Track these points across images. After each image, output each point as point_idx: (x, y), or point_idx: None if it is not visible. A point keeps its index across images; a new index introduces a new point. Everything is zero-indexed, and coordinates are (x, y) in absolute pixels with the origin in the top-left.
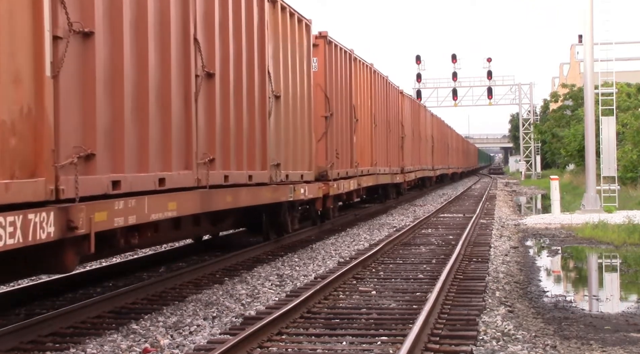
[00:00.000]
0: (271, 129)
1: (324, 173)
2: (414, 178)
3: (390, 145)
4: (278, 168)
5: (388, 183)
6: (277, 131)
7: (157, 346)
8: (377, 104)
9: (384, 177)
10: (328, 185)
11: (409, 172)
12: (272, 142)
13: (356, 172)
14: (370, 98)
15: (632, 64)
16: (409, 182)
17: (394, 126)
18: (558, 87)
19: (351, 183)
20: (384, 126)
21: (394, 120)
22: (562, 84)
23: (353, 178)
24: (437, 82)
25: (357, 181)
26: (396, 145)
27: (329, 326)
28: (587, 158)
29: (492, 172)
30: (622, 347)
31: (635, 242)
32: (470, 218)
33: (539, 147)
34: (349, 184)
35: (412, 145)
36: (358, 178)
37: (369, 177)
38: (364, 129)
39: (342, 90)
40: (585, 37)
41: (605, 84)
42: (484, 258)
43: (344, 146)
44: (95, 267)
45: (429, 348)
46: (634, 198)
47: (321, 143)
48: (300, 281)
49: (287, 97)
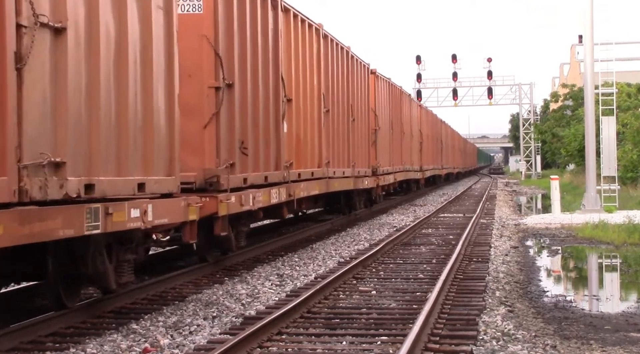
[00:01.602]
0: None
1: None
2: (392, 181)
3: (356, 138)
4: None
5: (351, 189)
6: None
7: (157, 346)
8: (331, 82)
9: (341, 182)
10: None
11: (385, 174)
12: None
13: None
14: (318, 72)
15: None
16: (385, 187)
17: (361, 114)
18: (558, 87)
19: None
20: (342, 112)
21: (361, 107)
22: (562, 84)
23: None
24: (437, 82)
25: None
26: (365, 140)
27: (329, 326)
28: (587, 158)
29: (492, 171)
30: (622, 347)
31: (636, 242)
32: (471, 218)
33: (539, 146)
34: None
35: (391, 140)
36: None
37: (309, 183)
38: (303, 114)
39: None
40: (585, 37)
41: (605, 84)
42: (484, 258)
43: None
44: None
45: (429, 348)
46: (634, 198)
47: None
48: (300, 281)
49: None
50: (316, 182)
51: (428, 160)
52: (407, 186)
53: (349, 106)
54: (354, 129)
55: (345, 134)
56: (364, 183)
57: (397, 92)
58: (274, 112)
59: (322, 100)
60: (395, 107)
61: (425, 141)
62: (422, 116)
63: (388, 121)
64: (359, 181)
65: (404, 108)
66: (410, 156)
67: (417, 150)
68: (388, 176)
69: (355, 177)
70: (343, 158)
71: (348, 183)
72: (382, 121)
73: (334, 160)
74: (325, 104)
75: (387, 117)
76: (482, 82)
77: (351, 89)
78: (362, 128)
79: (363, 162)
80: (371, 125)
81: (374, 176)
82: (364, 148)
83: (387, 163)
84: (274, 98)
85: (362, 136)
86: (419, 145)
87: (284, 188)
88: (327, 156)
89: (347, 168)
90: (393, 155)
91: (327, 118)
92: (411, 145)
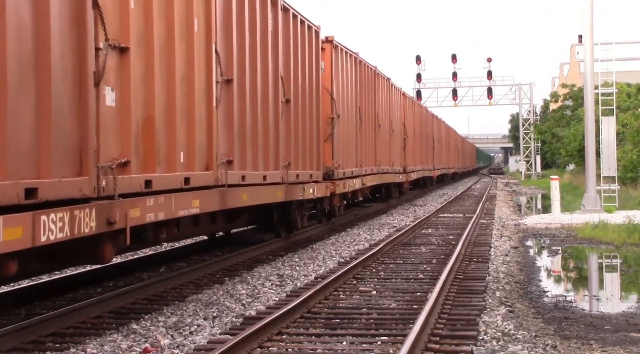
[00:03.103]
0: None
1: None
2: (359, 187)
3: (294, 129)
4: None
5: (284, 201)
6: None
7: (158, 346)
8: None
9: (256, 193)
10: None
11: (348, 179)
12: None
13: None
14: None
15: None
16: (347, 195)
17: (306, 97)
18: (558, 87)
19: None
20: (265, 90)
21: (306, 87)
22: (562, 84)
23: None
24: (437, 82)
25: None
26: (312, 132)
27: (329, 326)
28: (587, 158)
29: (492, 172)
30: (622, 347)
31: (636, 242)
32: (471, 218)
33: (539, 147)
34: None
35: (360, 135)
36: None
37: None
38: None
39: None
40: (585, 37)
41: (605, 84)
42: (484, 258)
43: None
44: (95, 267)
45: (429, 348)
46: (634, 198)
47: None
48: (300, 281)
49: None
50: (202, 194)
51: (415, 160)
52: (388, 191)
53: (275, 79)
54: (290, 117)
55: (273, 123)
56: (306, 192)
57: (368, 74)
58: None
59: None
60: (366, 93)
61: (410, 137)
62: (407, 108)
63: (353, 109)
64: (294, 190)
65: (380, 96)
66: (388, 155)
67: (399, 148)
68: (351, 180)
69: (290, 184)
70: (265, 158)
71: (269, 194)
72: (343, 108)
73: (242, 159)
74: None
75: (352, 103)
76: (482, 82)
77: (286, 58)
78: (307, 115)
79: (308, 162)
80: (325, 113)
81: (327, 181)
82: (310, 143)
83: (352, 163)
84: None
85: (307, 126)
86: (403, 141)
87: None
88: (226, 154)
89: (272, 170)
90: (363, 154)
91: (238, 94)
92: (391, 142)
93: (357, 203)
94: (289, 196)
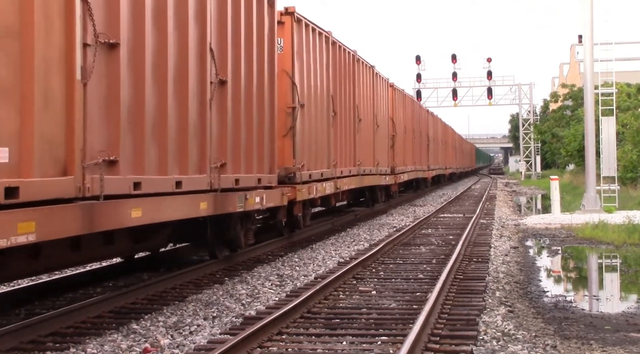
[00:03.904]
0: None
1: None
2: (331, 191)
3: (252, 123)
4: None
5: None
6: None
7: (157, 346)
8: None
9: (177, 204)
10: None
11: (314, 182)
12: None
13: None
14: None
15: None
16: (315, 201)
17: (253, 80)
18: (558, 87)
19: None
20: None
21: (254, 69)
22: (562, 84)
23: None
24: (437, 82)
25: None
26: (259, 124)
27: (329, 326)
28: (587, 158)
29: (492, 172)
30: (622, 347)
31: (635, 242)
32: (470, 218)
33: (539, 147)
34: None
35: (331, 129)
36: None
37: None
38: None
39: None
40: (585, 37)
41: (605, 84)
42: (484, 258)
43: None
44: (95, 267)
45: (429, 348)
46: (634, 198)
47: None
48: (300, 281)
49: None
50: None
51: (406, 159)
52: (372, 194)
53: (200, 51)
54: (227, 103)
55: (196, 111)
56: (250, 202)
57: (346, 58)
58: None
59: None
60: (343, 81)
61: (400, 134)
62: (397, 101)
63: (324, 98)
64: (230, 201)
65: (361, 86)
66: (373, 154)
67: (385, 146)
68: (322, 184)
69: (223, 192)
70: (181, 157)
71: (185, 207)
72: (309, 96)
73: (136, 159)
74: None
75: (323, 92)
76: (481, 82)
77: (221, 26)
78: (255, 103)
79: (255, 162)
80: (284, 101)
81: (286, 186)
82: (260, 138)
83: (323, 164)
84: None
85: (255, 117)
86: (390, 139)
87: None
88: (106, 151)
89: (193, 174)
90: (338, 152)
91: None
92: (375, 139)
93: (339, 209)
94: (221, 208)
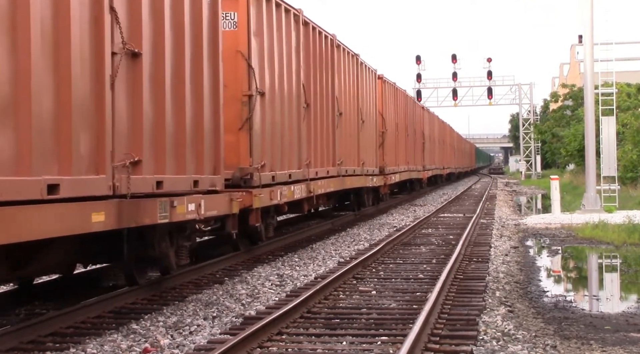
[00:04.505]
0: None
1: None
2: (302, 196)
3: (184, 111)
4: None
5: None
6: None
7: (157, 346)
8: None
9: (51, 215)
10: None
11: (277, 185)
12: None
13: None
14: None
15: (632, 64)
16: (282, 208)
17: (190, 56)
18: (558, 87)
19: None
20: None
21: (180, 35)
22: (562, 84)
23: None
24: (437, 82)
25: None
26: (195, 113)
27: (329, 326)
28: (587, 158)
29: (492, 171)
30: (622, 347)
31: (636, 242)
32: (471, 218)
33: (539, 147)
34: None
35: (303, 123)
36: None
37: None
38: None
39: None
40: (585, 37)
41: (605, 84)
42: (484, 258)
43: None
44: (95, 267)
45: (429, 348)
46: (634, 198)
47: None
48: (300, 281)
49: None
50: None
51: (398, 159)
52: (358, 198)
53: (97, 10)
54: (141, 82)
55: (88, 92)
56: (177, 212)
57: (322, 43)
58: None
59: None
60: (318, 69)
61: (391, 131)
62: (387, 95)
63: (293, 87)
64: (146, 210)
65: (342, 75)
66: (358, 152)
67: (373, 144)
68: (290, 187)
69: (133, 199)
70: (63, 154)
71: (69, 220)
72: (272, 84)
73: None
74: None
75: (292, 79)
76: (482, 82)
77: None
78: (191, 86)
79: (193, 160)
80: (237, 87)
81: (239, 190)
82: (198, 131)
83: (291, 164)
84: None
85: (193, 104)
86: (379, 136)
87: None
88: None
89: (86, 175)
90: (312, 150)
91: None
92: (360, 136)
93: (321, 214)
94: (129, 220)
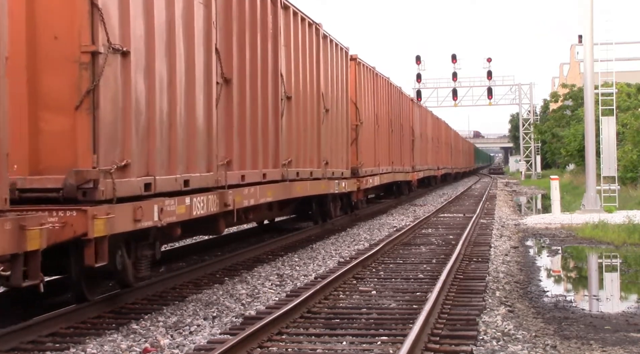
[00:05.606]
0: None
1: None
2: (206, 213)
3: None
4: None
5: None
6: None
7: (157, 346)
8: None
9: None
10: None
11: (165, 197)
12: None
13: None
14: None
15: (632, 64)
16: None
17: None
18: (558, 87)
19: None
20: None
21: None
22: (562, 84)
23: None
24: (437, 82)
25: None
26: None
27: (329, 326)
28: (587, 158)
29: (492, 171)
30: (622, 347)
31: (636, 242)
32: (471, 218)
33: (539, 147)
34: None
35: (222, 108)
36: None
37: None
38: None
39: None
40: (585, 37)
41: (605, 84)
42: (484, 257)
43: None
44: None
45: (429, 348)
46: (634, 198)
47: None
48: (300, 281)
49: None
50: None
51: (378, 158)
52: (321, 207)
53: None
54: None
55: None
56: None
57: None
58: None
59: None
60: (245, 30)
61: (367, 126)
62: (361, 80)
63: (189, 49)
64: None
65: (291, 46)
66: (318, 149)
67: (342, 140)
68: (183, 201)
69: None
70: None
71: None
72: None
73: None
74: None
75: (192, 42)
76: (481, 82)
77: None
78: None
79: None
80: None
81: (63, 207)
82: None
83: (198, 165)
84: None
85: None
86: (351, 130)
87: None
88: None
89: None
90: (236, 145)
91: None
92: (319, 128)
93: (277, 227)
94: None
